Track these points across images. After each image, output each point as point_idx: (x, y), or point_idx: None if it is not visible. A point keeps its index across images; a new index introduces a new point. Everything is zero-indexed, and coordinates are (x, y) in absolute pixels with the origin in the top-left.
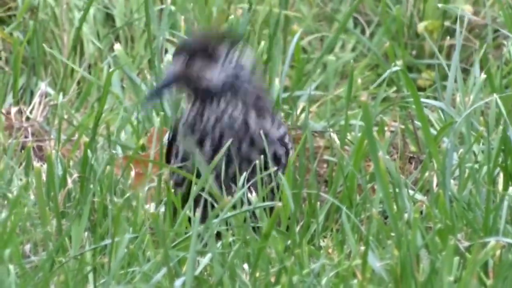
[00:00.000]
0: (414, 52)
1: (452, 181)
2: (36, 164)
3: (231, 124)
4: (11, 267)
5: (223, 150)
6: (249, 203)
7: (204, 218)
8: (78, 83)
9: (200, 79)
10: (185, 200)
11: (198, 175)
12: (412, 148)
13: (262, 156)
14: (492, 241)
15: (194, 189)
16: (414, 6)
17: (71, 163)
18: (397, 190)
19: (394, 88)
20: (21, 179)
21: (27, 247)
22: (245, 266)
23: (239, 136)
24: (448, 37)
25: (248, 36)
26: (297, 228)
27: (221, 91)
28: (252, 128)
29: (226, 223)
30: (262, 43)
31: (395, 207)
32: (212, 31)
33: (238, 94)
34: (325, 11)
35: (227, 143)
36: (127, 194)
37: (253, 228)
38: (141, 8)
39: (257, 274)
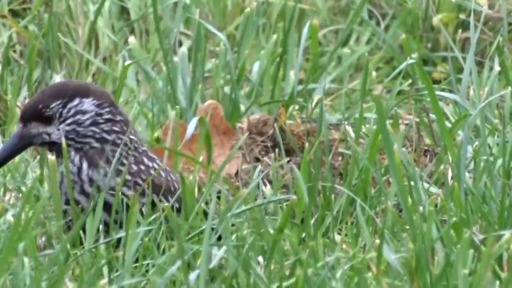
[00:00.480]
0: (429, 45)
1: (467, 174)
2: (50, 157)
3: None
4: (25, 260)
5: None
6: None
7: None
8: (93, 75)
9: (42, 140)
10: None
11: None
12: (427, 141)
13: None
14: (507, 234)
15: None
16: None
17: None
18: (412, 183)
19: (409, 81)
20: (35, 172)
21: (42, 240)
22: (260, 258)
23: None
24: (462, 30)
25: (263, 29)
26: (312, 221)
27: (67, 145)
28: (82, 178)
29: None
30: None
31: (410, 200)
32: (45, 90)
33: (80, 144)
34: (340, 4)
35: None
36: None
37: None
38: (156, 1)
39: (272, 267)
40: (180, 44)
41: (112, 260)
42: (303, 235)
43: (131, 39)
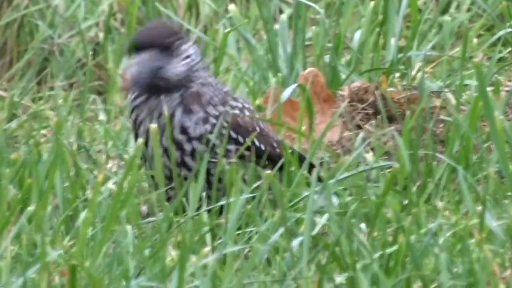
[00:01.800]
0: None
1: None
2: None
3: (159, 117)
4: (128, 227)
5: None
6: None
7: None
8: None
9: (161, 73)
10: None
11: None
12: None
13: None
14: None
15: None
16: None
17: None
18: None
19: (510, 49)
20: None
21: (145, 207)
22: (363, 226)
23: (162, 129)
24: None
25: None
26: (414, 188)
27: (176, 85)
28: (174, 124)
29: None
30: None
31: (511, 166)
32: (162, 25)
33: (190, 86)
34: None
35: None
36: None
37: None
38: None
39: (375, 234)
40: (281, 11)
41: (215, 228)
42: (406, 202)
43: (231, 7)
